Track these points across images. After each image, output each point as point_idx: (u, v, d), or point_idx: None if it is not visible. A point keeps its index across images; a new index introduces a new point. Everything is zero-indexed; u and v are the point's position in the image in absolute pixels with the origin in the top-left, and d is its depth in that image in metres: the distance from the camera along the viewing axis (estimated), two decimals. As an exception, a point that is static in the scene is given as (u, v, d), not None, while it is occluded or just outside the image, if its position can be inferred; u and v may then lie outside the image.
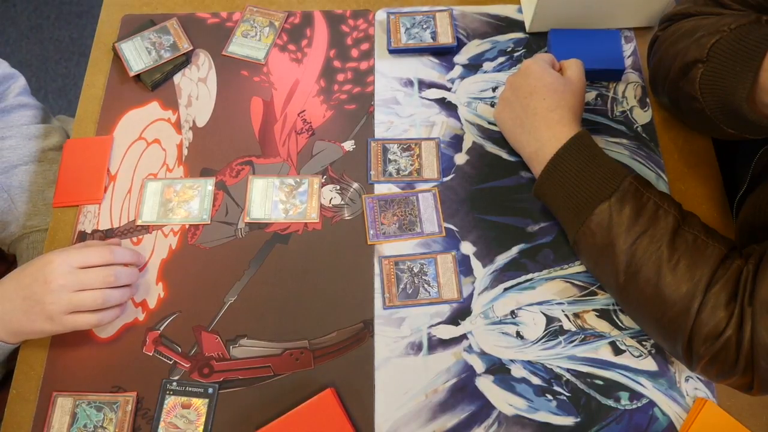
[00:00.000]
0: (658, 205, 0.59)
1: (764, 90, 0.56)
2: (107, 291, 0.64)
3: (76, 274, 0.63)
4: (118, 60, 0.82)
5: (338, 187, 0.74)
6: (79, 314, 0.63)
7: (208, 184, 0.74)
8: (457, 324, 0.67)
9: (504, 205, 0.72)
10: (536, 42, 0.82)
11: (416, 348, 0.66)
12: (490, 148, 0.76)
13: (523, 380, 0.64)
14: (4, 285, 0.63)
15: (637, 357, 0.65)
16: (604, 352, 0.65)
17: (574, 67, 0.71)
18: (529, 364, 0.65)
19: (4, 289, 0.63)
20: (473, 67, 0.81)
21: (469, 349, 0.65)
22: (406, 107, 0.79)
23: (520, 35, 0.83)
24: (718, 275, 0.55)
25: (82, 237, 0.72)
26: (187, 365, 0.65)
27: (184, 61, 0.82)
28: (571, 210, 0.63)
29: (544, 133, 0.66)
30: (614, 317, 0.66)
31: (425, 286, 0.68)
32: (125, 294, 0.66)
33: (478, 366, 0.65)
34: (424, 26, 0.83)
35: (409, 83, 0.80)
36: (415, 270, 0.69)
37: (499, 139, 0.76)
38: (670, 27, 0.70)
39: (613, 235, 0.59)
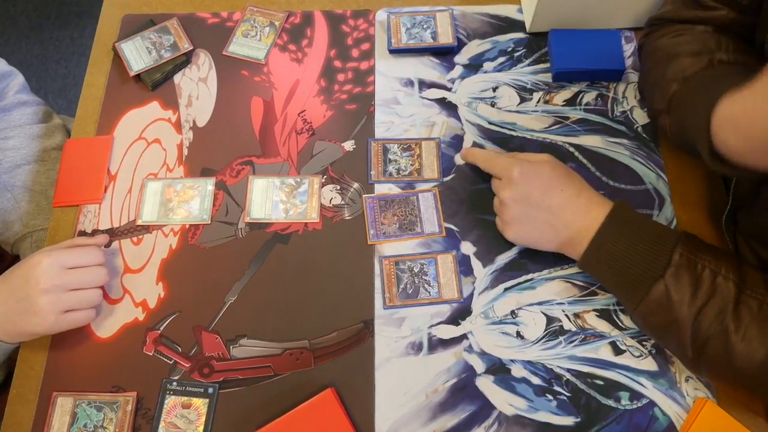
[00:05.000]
0: (715, 273, 0.56)
1: (721, 148, 0.53)
2: (98, 292, 0.66)
3: (67, 274, 0.63)
4: (118, 60, 0.82)
5: (338, 187, 0.74)
6: (74, 312, 0.64)
7: (209, 184, 0.74)
8: (457, 324, 0.67)
9: (504, 205, 0.72)
10: (536, 42, 0.82)
11: (416, 348, 0.66)
12: (491, 148, 0.76)
13: (524, 380, 0.64)
14: None
15: (638, 357, 0.65)
16: (605, 352, 0.65)
17: (528, 153, 0.68)
18: (530, 364, 0.65)
19: None
20: (474, 67, 0.81)
21: (470, 349, 0.65)
22: (406, 107, 0.79)
23: (520, 35, 0.83)
24: None
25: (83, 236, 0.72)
26: (187, 365, 0.65)
27: (184, 60, 0.82)
28: (624, 290, 0.60)
29: (581, 222, 0.62)
30: (614, 317, 0.66)
31: (425, 286, 0.68)
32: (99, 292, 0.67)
33: (479, 366, 0.65)
34: (425, 26, 0.83)
35: (410, 83, 0.80)
36: (416, 270, 0.69)
37: (500, 139, 0.76)
38: (649, 38, 0.70)
39: (674, 313, 0.56)
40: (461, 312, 0.67)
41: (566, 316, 0.67)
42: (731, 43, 0.62)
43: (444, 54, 0.82)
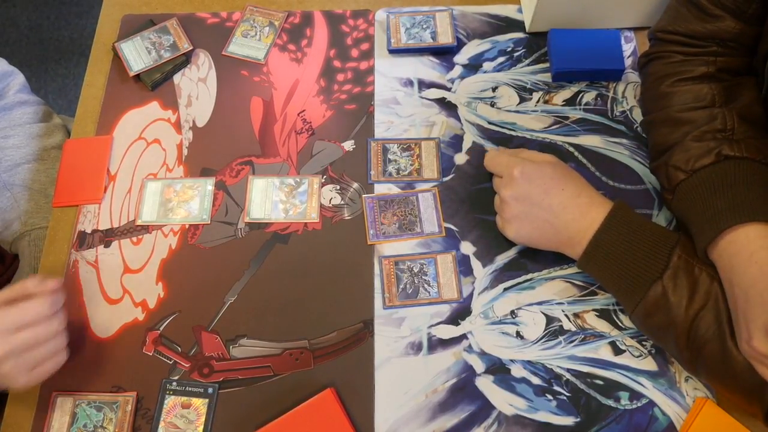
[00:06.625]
0: (713, 277, 0.56)
1: (718, 260, 0.56)
2: (59, 338, 0.60)
3: (16, 338, 0.56)
4: (118, 60, 0.82)
5: (338, 187, 0.74)
6: (44, 364, 0.58)
7: (208, 184, 0.74)
8: (457, 324, 0.67)
9: (504, 205, 0.72)
10: (536, 42, 0.82)
11: (416, 348, 0.66)
12: (490, 147, 0.76)
13: (523, 380, 0.64)
14: None
15: (637, 357, 0.65)
16: (604, 352, 0.65)
17: (532, 152, 0.69)
18: (529, 364, 0.65)
19: None
20: (473, 67, 0.81)
21: (469, 349, 0.65)
22: (405, 107, 0.79)
23: (520, 35, 0.83)
24: None
25: (82, 236, 0.72)
26: (187, 365, 0.65)
27: (184, 60, 0.82)
28: (622, 290, 0.60)
29: (581, 222, 0.62)
30: (614, 317, 0.66)
31: (425, 286, 0.68)
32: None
33: (478, 366, 0.65)
34: (424, 26, 0.83)
35: (409, 83, 0.80)
36: (415, 270, 0.69)
37: (499, 139, 0.76)
38: (650, 67, 0.70)
39: (672, 315, 0.56)
40: (461, 312, 0.67)
41: (566, 316, 0.67)
42: (735, 113, 0.62)
43: (443, 54, 0.82)
